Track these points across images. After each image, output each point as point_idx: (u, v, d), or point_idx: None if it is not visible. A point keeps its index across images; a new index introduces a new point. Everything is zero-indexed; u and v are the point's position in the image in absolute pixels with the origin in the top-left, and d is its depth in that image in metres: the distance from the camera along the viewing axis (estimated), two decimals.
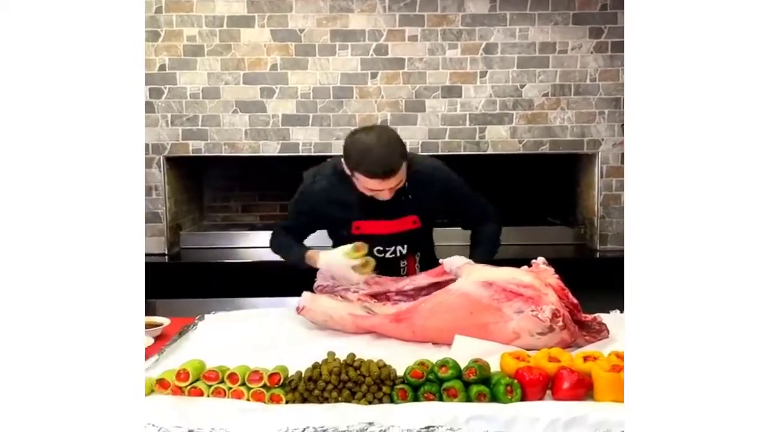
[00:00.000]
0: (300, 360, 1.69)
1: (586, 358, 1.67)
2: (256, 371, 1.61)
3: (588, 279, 3.01)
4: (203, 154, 4.07)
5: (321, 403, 1.57)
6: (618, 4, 4.02)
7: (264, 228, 4.55)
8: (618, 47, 4.05)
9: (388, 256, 2.39)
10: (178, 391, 1.61)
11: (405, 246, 2.40)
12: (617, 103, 4.09)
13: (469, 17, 4.01)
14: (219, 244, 4.35)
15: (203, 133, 4.04)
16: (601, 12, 4.04)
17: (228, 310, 2.46)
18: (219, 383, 1.62)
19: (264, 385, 1.59)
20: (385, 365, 1.64)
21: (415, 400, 1.57)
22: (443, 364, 1.61)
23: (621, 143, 4.09)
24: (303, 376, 1.61)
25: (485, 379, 1.59)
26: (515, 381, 1.57)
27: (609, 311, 2.27)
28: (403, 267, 2.43)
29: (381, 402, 1.57)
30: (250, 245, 4.32)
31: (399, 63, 4.02)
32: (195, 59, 4.00)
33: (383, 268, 2.33)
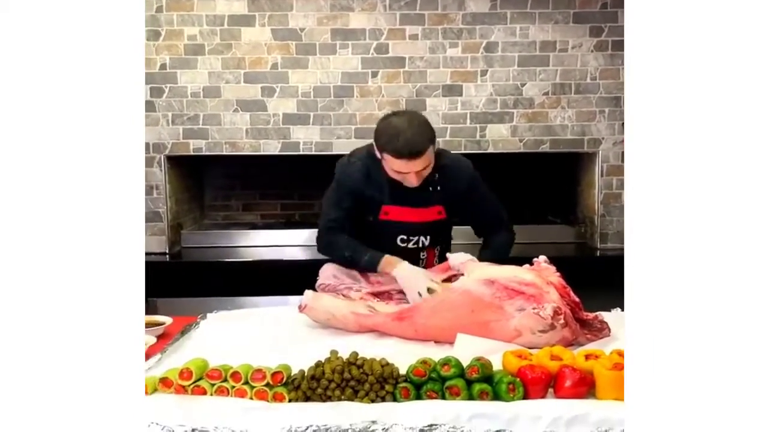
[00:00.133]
0: (302, 358, 1.68)
1: (587, 356, 1.68)
2: (259, 370, 1.61)
3: (588, 277, 3.01)
4: (204, 153, 4.08)
5: (324, 402, 1.57)
6: (618, 2, 4.02)
7: (265, 227, 4.57)
8: (618, 46, 4.05)
9: (410, 246, 2.40)
10: (181, 390, 1.61)
11: (428, 237, 2.41)
12: (617, 102, 4.09)
13: (470, 16, 4.02)
14: (220, 243, 4.35)
15: (204, 132, 4.05)
16: (602, 11, 4.04)
17: (229, 309, 2.45)
18: (222, 382, 1.61)
19: (267, 384, 1.59)
20: (388, 364, 1.64)
21: (418, 398, 1.58)
22: (446, 362, 1.61)
23: (621, 142, 4.09)
24: (306, 374, 1.62)
25: (488, 378, 1.59)
26: (517, 379, 1.57)
27: (610, 309, 2.27)
28: (423, 259, 2.43)
29: (384, 400, 1.57)
30: (251, 244, 4.33)
31: (400, 62, 4.02)
32: (196, 58, 4.00)
33: (403, 258, 2.33)
